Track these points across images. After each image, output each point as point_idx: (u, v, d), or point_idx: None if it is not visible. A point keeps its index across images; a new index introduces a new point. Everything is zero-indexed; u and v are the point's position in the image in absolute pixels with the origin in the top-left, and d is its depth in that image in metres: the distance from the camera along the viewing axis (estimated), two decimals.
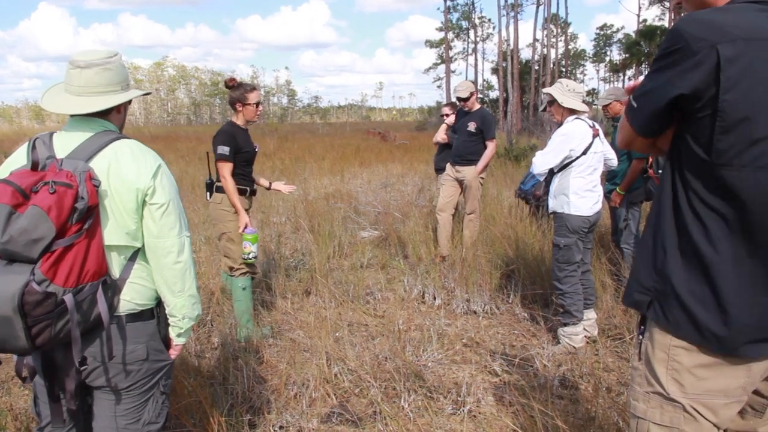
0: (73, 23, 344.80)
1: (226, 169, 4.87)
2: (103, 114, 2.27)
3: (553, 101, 4.90)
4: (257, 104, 5.05)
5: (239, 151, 4.96)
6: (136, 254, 2.26)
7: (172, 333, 2.39)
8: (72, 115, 2.25)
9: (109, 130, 2.26)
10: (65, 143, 2.18)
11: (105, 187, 2.12)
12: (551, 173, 4.91)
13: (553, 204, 4.84)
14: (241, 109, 5.03)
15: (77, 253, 1.98)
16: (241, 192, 5.00)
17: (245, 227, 4.94)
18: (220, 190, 4.95)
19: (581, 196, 4.69)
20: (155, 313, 2.35)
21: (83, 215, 1.97)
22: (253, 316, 5.13)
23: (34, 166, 2.05)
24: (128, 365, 2.25)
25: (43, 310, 1.91)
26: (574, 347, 4.74)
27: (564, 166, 4.73)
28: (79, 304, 2.01)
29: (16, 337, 1.90)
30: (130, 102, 2.46)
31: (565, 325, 4.82)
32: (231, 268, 5.03)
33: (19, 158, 2.18)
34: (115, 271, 2.20)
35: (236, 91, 5.00)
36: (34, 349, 1.98)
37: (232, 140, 4.90)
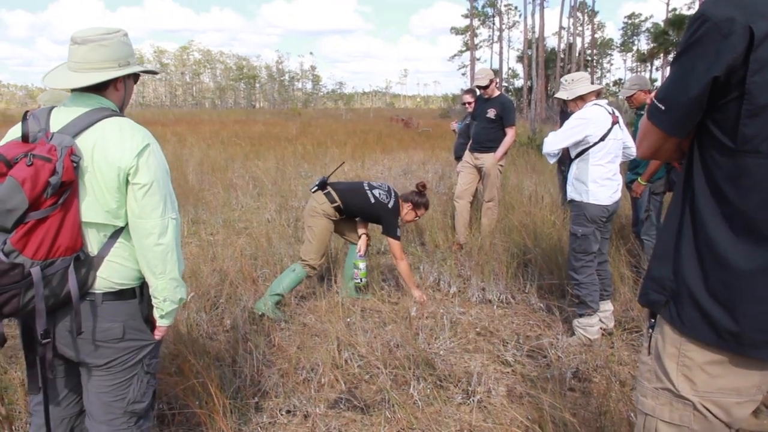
0: (101, 7, 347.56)
1: (398, 247, 5.41)
2: (100, 90, 2.25)
3: (566, 101, 4.87)
4: (415, 219, 5.78)
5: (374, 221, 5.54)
6: (119, 233, 2.23)
7: (156, 314, 2.35)
8: (72, 91, 2.25)
9: (104, 107, 2.23)
10: (61, 118, 2.17)
11: (87, 164, 2.11)
12: (570, 160, 4.83)
13: (571, 192, 4.75)
14: (409, 210, 5.68)
15: (50, 226, 1.98)
16: (339, 209, 5.35)
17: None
18: (330, 198, 5.29)
19: (600, 184, 4.60)
20: (138, 293, 2.32)
21: (56, 190, 1.97)
22: (281, 302, 5.23)
23: (25, 138, 2.06)
24: (101, 342, 2.24)
25: (8, 280, 1.93)
26: (590, 339, 4.66)
27: (581, 153, 4.64)
28: (48, 278, 2.02)
29: None
30: (134, 80, 2.43)
31: (581, 316, 4.74)
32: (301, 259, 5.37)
33: (15, 131, 2.19)
34: (93, 248, 2.19)
35: (420, 198, 5.69)
36: (3, 317, 2.01)
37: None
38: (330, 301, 5.21)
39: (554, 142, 4.69)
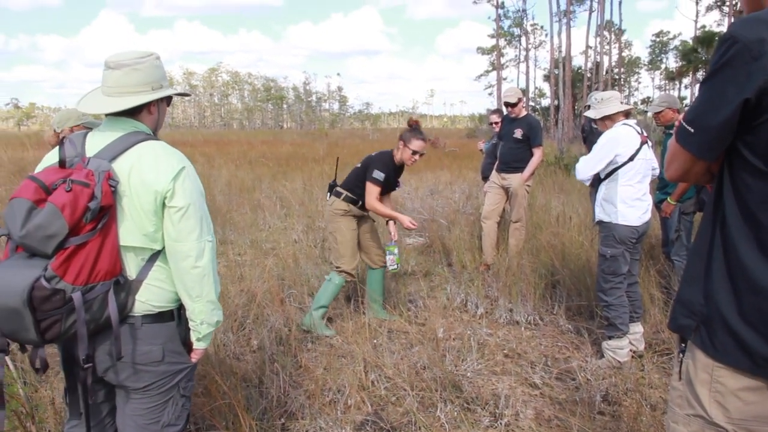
0: (131, 30, 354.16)
1: (372, 192, 5.26)
2: (134, 114, 2.28)
3: (594, 120, 4.84)
4: (415, 153, 5.36)
5: (383, 182, 5.28)
6: (156, 256, 2.24)
7: (193, 337, 2.37)
8: (107, 115, 2.28)
9: (139, 131, 2.26)
10: (96, 142, 2.20)
11: (125, 188, 2.13)
12: (598, 180, 4.79)
13: (599, 213, 4.71)
14: (401, 147, 5.37)
15: (90, 251, 1.99)
16: (354, 201, 5.35)
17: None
18: (336, 193, 5.35)
19: (630, 205, 4.55)
20: (176, 315, 2.33)
21: (96, 215, 1.99)
22: (325, 314, 5.33)
23: (62, 163, 2.08)
24: (141, 366, 2.25)
25: (51, 306, 1.94)
26: (619, 361, 4.59)
27: (611, 173, 4.60)
28: (88, 303, 2.02)
29: (27, 330, 1.94)
30: (167, 103, 2.47)
31: (610, 338, 4.67)
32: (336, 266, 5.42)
33: (52, 156, 2.22)
34: (132, 272, 2.20)
35: (409, 132, 5.38)
36: (45, 342, 2.02)
37: (386, 169, 5.27)
38: (357, 322, 5.20)
39: (586, 168, 4.64)
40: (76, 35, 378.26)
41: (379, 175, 5.22)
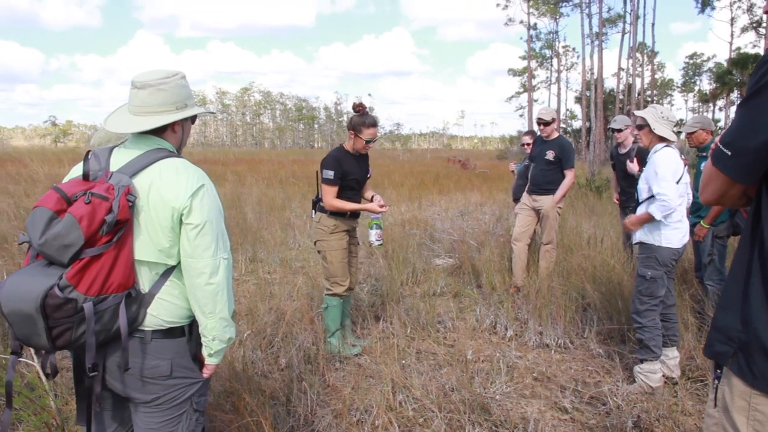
0: (167, 50, 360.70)
1: (328, 192, 5.02)
2: (158, 132, 2.34)
3: (643, 125, 4.72)
4: (368, 141, 5.13)
5: (345, 176, 5.08)
6: (170, 271, 2.27)
7: (204, 352, 2.38)
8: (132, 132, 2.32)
9: (162, 148, 2.31)
10: (121, 158, 2.26)
11: (143, 203, 2.17)
12: (637, 202, 4.73)
13: (641, 235, 4.62)
14: (353, 137, 5.15)
15: (104, 263, 2.04)
16: (340, 213, 5.14)
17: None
18: (321, 209, 5.17)
19: (673, 227, 4.50)
20: (186, 331, 2.35)
21: (112, 227, 2.04)
22: (340, 333, 5.27)
23: (85, 176, 2.17)
24: (148, 379, 2.27)
25: (62, 314, 1.99)
26: (651, 386, 4.51)
27: (652, 195, 4.53)
28: (99, 314, 2.07)
29: (39, 336, 2.00)
30: (192, 121, 2.52)
31: (642, 361, 4.59)
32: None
33: (78, 169, 2.28)
34: (145, 286, 2.23)
35: (357, 118, 5.10)
36: (56, 349, 2.07)
37: (337, 165, 5.04)
38: (385, 342, 5.19)
39: (670, 195, 4.40)
40: (113, 55, 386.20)
41: (327, 173, 5.00)
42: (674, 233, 4.50)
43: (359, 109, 5.11)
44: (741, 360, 1.61)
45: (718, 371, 1.71)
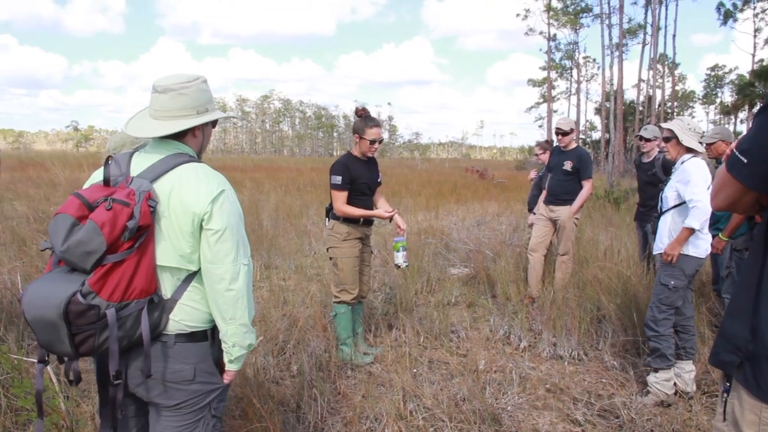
0: (188, 57, 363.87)
1: (337, 197, 5.02)
2: (179, 137, 2.33)
3: (670, 138, 4.69)
4: (373, 141, 5.11)
5: (354, 181, 5.07)
6: (192, 277, 2.27)
7: (225, 358, 2.37)
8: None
9: (182, 153, 2.30)
10: (141, 162, 2.25)
11: (164, 209, 2.16)
12: (660, 212, 4.69)
13: (667, 244, 4.59)
14: (358, 141, 5.16)
15: (126, 269, 2.03)
16: (353, 220, 5.13)
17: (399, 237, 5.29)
18: (334, 216, 5.15)
19: (700, 237, 4.46)
20: (209, 336, 2.34)
21: (134, 233, 2.02)
22: (352, 340, 5.25)
23: (106, 182, 2.15)
24: (171, 384, 2.26)
25: (85, 320, 1.98)
26: (666, 394, 4.45)
27: (680, 203, 4.49)
28: (122, 320, 2.05)
29: (62, 342, 2.00)
30: (213, 126, 2.51)
31: (656, 371, 4.54)
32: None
33: (99, 174, 2.28)
34: (167, 292, 2.23)
35: (360, 121, 5.14)
36: (79, 356, 2.06)
37: (345, 171, 5.04)
38: (397, 351, 5.17)
39: (705, 201, 4.33)
40: (135, 61, 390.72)
41: (336, 179, 5.02)
42: (701, 243, 4.47)
43: (362, 113, 5.17)
44: (747, 370, 1.59)
45: (727, 384, 1.68)
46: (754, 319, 1.58)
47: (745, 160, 1.58)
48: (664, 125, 4.80)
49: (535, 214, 8.34)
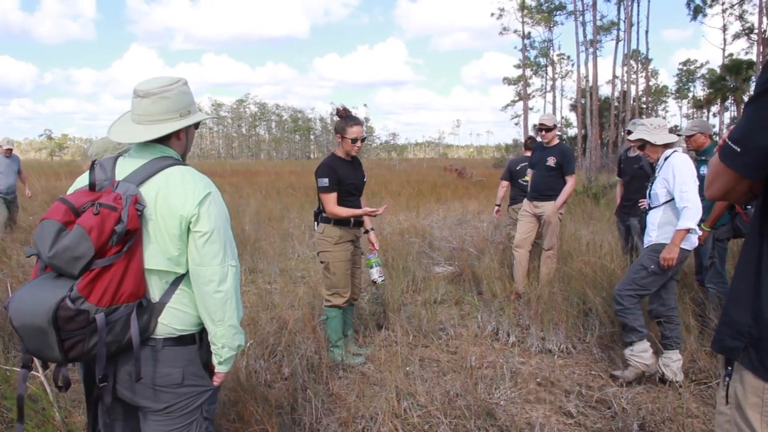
0: (161, 63, 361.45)
1: (328, 200, 5.01)
2: (163, 140, 2.33)
3: (644, 145, 4.78)
4: (355, 140, 5.11)
5: (341, 182, 5.06)
6: (180, 280, 2.27)
7: (214, 360, 2.37)
8: None
9: (167, 156, 2.31)
10: (126, 167, 2.25)
11: (151, 212, 2.16)
12: (650, 207, 4.76)
13: (658, 236, 4.65)
14: (340, 140, 5.15)
15: (114, 273, 2.03)
16: (344, 222, 5.12)
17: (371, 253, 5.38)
18: (324, 220, 5.12)
19: (691, 231, 4.54)
20: (197, 339, 2.35)
21: (122, 238, 2.02)
22: (343, 341, 5.27)
23: (92, 186, 2.15)
24: (160, 387, 2.26)
25: (75, 326, 1.98)
26: (646, 364, 4.56)
27: (671, 199, 4.57)
28: (111, 324, 2.05)
29: (51, 348, 1.99)
30: (195, 127, 2.51)
31: (631, 344, 4.65)
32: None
33: (83, 179, 2.28)
34: (155, 295, 2.23)
35: (341, 121, 5.12)
36: (68, 361, 2.05)
37: (331, 172, 5.02)
38: (388, 350, 5.18)
39: (694, 199, 4.45)
40: (108, 68, 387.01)
41: (323, 181, 5.00)
42: (691, 236, 4.57)
43: (343, 113, 5.16)
44: (752, 355, 1.61)
45: (729, 368, 1.71)
46: (755, 304, 1.61)
47: (739, 150, 1.61)
48: (631, 138, 4.92)
49: (500, 206, 8.82)
